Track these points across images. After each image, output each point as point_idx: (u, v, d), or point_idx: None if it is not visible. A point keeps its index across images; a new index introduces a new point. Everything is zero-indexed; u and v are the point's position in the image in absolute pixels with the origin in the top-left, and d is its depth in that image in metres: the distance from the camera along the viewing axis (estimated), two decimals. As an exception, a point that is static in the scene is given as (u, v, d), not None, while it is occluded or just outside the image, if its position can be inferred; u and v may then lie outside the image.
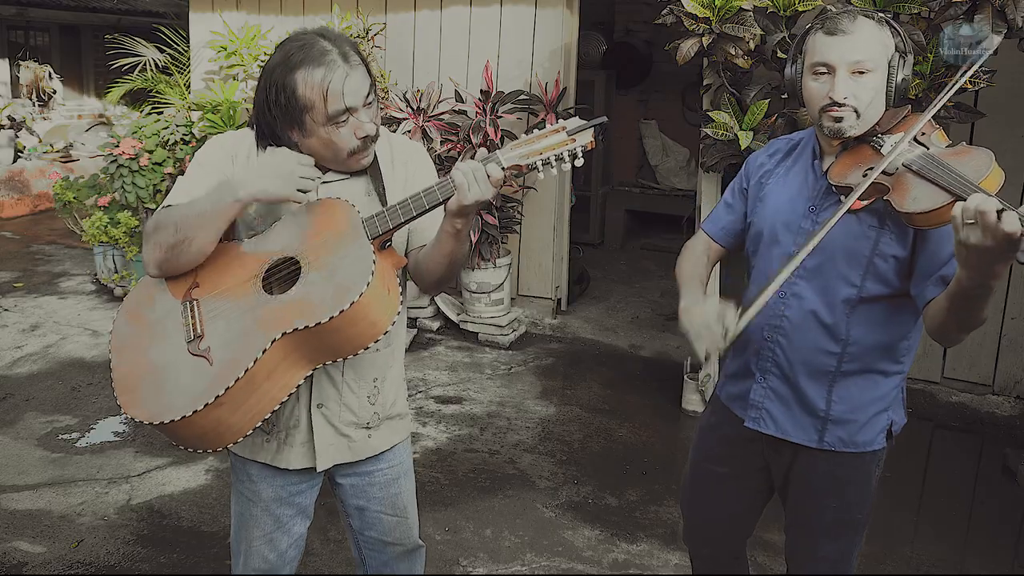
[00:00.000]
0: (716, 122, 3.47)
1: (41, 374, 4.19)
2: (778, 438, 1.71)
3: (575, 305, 5.45)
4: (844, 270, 1.57)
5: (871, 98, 1.53)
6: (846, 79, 1.52)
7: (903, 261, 1.54)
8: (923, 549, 2.88)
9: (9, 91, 9.31)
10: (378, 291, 1.40)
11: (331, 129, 1.48)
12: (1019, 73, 3.68)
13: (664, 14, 3.50)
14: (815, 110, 1.58)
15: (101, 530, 2.86)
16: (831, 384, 1.64)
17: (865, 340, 1.61)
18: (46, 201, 7.91)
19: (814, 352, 1.63)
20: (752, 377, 1.73)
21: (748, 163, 1.83)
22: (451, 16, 5.18)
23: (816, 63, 1.56)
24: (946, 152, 1.47)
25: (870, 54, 1.52)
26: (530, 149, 1.42)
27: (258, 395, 1.41)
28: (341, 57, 1.46)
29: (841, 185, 1.54)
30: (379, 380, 1.69)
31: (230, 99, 5.30)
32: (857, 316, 1.60)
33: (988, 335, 4.10)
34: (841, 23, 1.53)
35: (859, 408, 1.65)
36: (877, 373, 1.64)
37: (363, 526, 1.79)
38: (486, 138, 4.51)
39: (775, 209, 1.69)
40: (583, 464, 3.41)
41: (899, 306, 1.58)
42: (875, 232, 1.55)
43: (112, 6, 9.57)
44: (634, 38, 7.41)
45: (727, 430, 1.82)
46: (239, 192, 1.41)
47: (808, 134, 1.73)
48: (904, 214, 1.42)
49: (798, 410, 1.68)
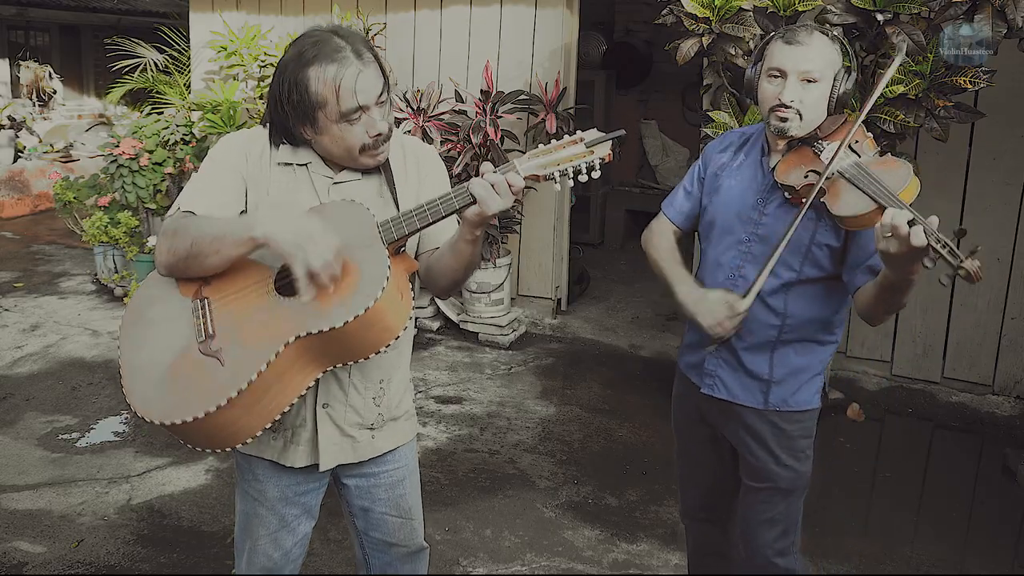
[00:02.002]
0: (716, 122, 3.48)
1: (41, 374, 4.19)
2: (730, 402, 1.90)
3: (575, 305, 5.45)
4: (786, 255, 1.77)
5: (815, 104, 1.74)
6: (795, 84, 1.73)
7: (836, 250, 1.76)
8: (923, 549, 2.88)
9: (9, 91, 9.32)
10: (392, 296, 1.39)
11: (343, 126, 1.48)
12: (1019, 73, 3.68)
13: (664, 14, 3.50)
14: (765, 109, 1.78)
15: (101, 530, 2.86)
16: (772, 351, 1.85)
17: (802, 315, 1.82)
18: (46, 201, 7.91)
19: (758, 325, 1.83)
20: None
21: (705, 153, 2.01)
22: (451, 16, 5.18)
23: (771, 67, 1.76)
24: (873, 161, 1.67)
25: (819, 65, 1.72)
26: (548, 160, 1.41)
27: (269, 397, 1.41)
28: (354, 54, 1.46)
29: (784, 183, 1.74)
30: (385, 381, 1.68)
31: (230, 99, 5.30)
32: (795, 295, 1.81)
33: (988, 335, 4.10)
34: (799, 35, 1.74)
35: (797, 372, 1.86)
36: (813, 342, 1.86)
37: (367, 527, 1.78)
38: (486, 138, 4.51)
39: (728, 201, 1.89)
40: (583, 464, 3.41)
41: (831, 287, 1.80)
42: (813, 224, 1.76)
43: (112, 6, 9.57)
44: (634, 38, 7.41)
45: (691, 398, 2.01)
46: (256, 229, 1.37)
47: (759, 129, 1.93)
48: (836, 217, 1.63)
49: (745, 376, 1.88)
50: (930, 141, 3.50)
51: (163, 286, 1.53)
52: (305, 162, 1.58)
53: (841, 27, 3.08)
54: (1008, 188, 4.00)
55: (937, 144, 3.48)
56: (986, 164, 4.01)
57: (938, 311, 4.17)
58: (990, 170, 4.01)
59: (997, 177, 4.01)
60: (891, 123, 3.14)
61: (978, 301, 4.10)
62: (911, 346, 4.26)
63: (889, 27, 3.06)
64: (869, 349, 4.33)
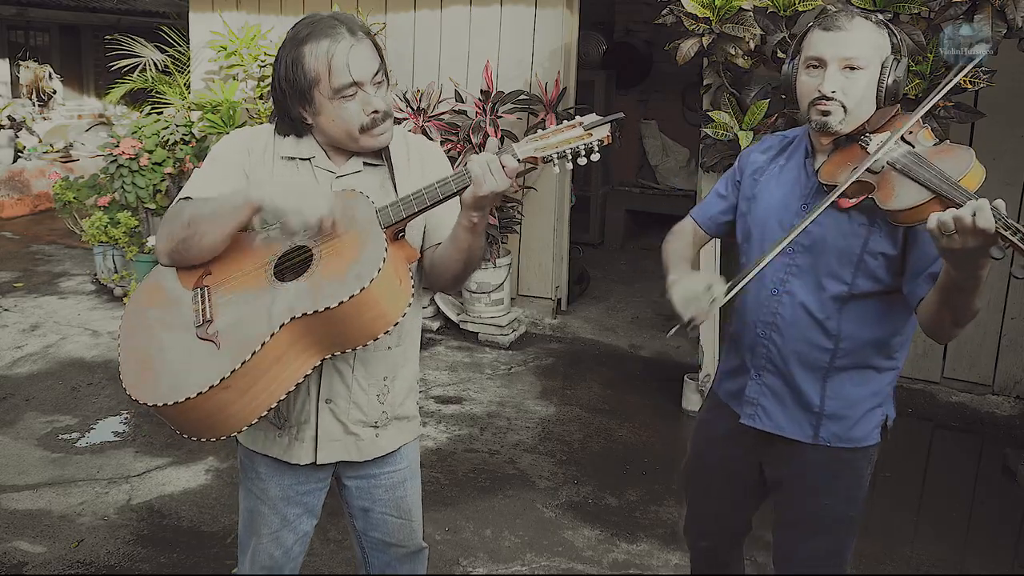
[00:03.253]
0: (716, 122, 3.47)
1: (41, 374, 4.19)
2: (773, 434, 1.72)
3: (575, 305, 5.45)
4: (835, 267, 1.60)
5: (860, 94, 1.56)
6: (836, 73, 1.55)
7: (893, 259, 1.56)
8: (923, 549, 2.88)
9: (9, 91, 9.32)
10: (389, 280, 1.39)
11: (338, 103, 1.48)
12: (1019, 73, 3.67)
13: (664, 14, 3.50)
14: (805, 104, 1.61)
15: (101, 530, 2.86)
16: (824, 379, 1.66)
17: (857, 336, 1.63)
18: (46, 201, 7.91)
19: (807, 347, 1.65)
20: (747, 374, 1.75)
21: (742, 158, 1.85)
22: (451, 16, 5.18)
23: (810, 57, 1.59)
24: (930, 150, 1.50)
25: (862, 51, 1.54)
26: (546, 143, 1.41)
27: (265, 380, 1.40)
28: (348, 32, 1.47)
29: (830, 184, 1.57)
30: (389, 379, 1.68)
31: (230, 99, 5.30)
32: (848, 312, 1.62)
33: (988, 335, 4.10)
34: (838, 20, 1.56)
35: (853, 404, 1.67)
36: (871, 368, 1.66)
37: (367, 527, 1.78)
38: (486, 138, 4.51)
39: (769, 206, 1.72)
40: (583, 464, 3.41)
41: (891, 303, 1.61)
42: (865, 230, 1.57)
43: (112, 6, 9.57)
44: (634, 38, 7.41)
45: (723, 425, 1.83)
46: (251, 193, 1.41)
47: (802, 131, 1.75)
48: (888, 211, 1.45)
49: (793, 406, 1.70)
50: (930, 141, 3.50)
51: (164, 278, 1.54)
52: (308, 156, 1.59)
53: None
54: (1008, 188, 4.00)
55: (937, 144, 3.48)
56: (986, 164, 3.92)
57: (938, 311, 4.17)
58: (990, 170, 3.93)
59: (997, 177, 4.00)
60: (891, 123, 3.14)
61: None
62: (911, 346, 4.24)
63: (889, 27, 3.06)
64: (869, 349, 4.33)
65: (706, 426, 1.94)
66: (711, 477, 1.92)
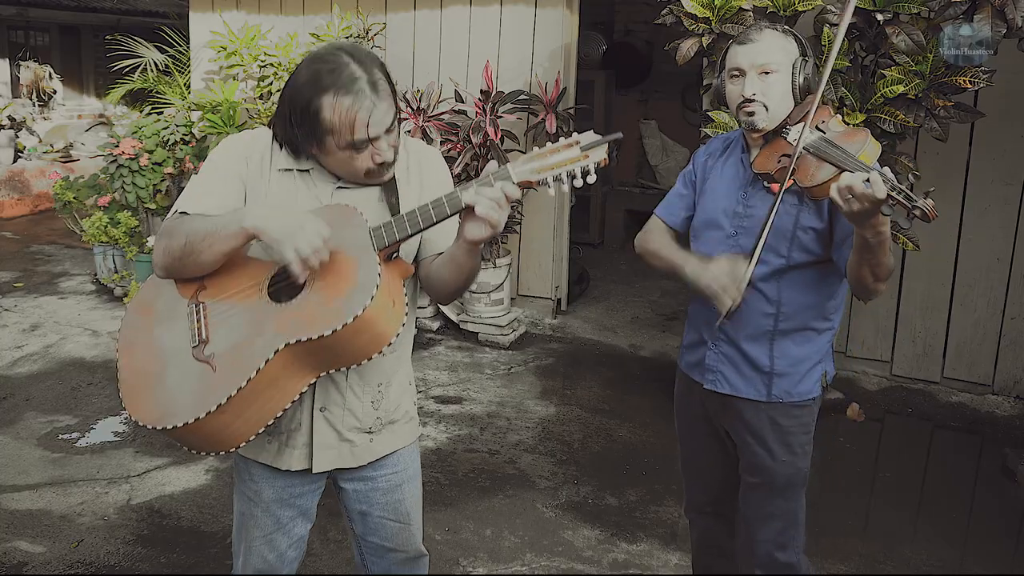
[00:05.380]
0: (716, 122, 3.47)
1: (41, 374, 4.19)
2: (731, 395, 1.93)
3: (575, 305, 5.45)
4: (773, 243, 1.81)
5: (778, 94, 1.80)
6: (754, 79, 1.80)
7: (822, 232, 1.80)
8: (923, 549, 2.88)
9: (9, 91, 9.32)
10: (383, 304, 1.39)
11: (351, 153, 1.49)
12: (1019, 73, 3.68)
13: (664, 14, 3.50)
14: (734, 109, 1.85)
15: (101, 530, 2.86)
16: (771, 342, 1.88)
17: (797, 302, 1.86)
18: (46, 201, 7.91)
19: (754, 316, 1.87)
20: (705, 345, 1.97)
21: (695, 158, 2.09)
22: (451, 16, 5.18)
23: (731, 68, 1.85)
24: (838, 134, 1.73)
25: (773, 57, 1.79)
26: (542, 164, 1.38)
27: (261, 402, 1.42)
28: (370, 86, 1.45)
29: (761, 172, 1.81)
30: (384, 385, 1.67)
31: (230, 99, 5.30)
32: (787, 282, 1.84)
33: (988, 335, 4.10)
34: (750, 34, 1.82)
35: (798, 362, 1.89)
36: (810, 330, 1.89)
37: (365, 531, 1.77)
38: (486, 138, 4.51)
39: (714, 199, 1.96)
40: (583, 464, 3.41)
41: (823, 271, 1.83)
42: (795, 209, 1.81)
43: (112, 6, 9.57)
44: (634, 38, 7.42)
45: (693, 396, 2.05)
46: (246, 220, 1.40)
47: (739, 133, 1.99)
48: (807, 188, 1.69)
49: (747, 369, 1.91)
50: (930, 141, 3.50)
51: (161, 288, 1.55)
52: (306, 168, 1.58)
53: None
54: (1008, 188, 4.00)
55: (937, 144, 3.48)
56: (986, 164, 4.01)
57: (938, 311, 4.17)
58: (990, 170, 4.01)
59: (997, 177, 4.01)
60: (891, 123, 3.14)
61: (978, 301, 4.10)
62: (911, 346, 4.26)
63: (889, 27, 3.06)
64: (869, 349, 4.33)
65: (681, 399, 2.14)
66: (698, 443, 2.11)
